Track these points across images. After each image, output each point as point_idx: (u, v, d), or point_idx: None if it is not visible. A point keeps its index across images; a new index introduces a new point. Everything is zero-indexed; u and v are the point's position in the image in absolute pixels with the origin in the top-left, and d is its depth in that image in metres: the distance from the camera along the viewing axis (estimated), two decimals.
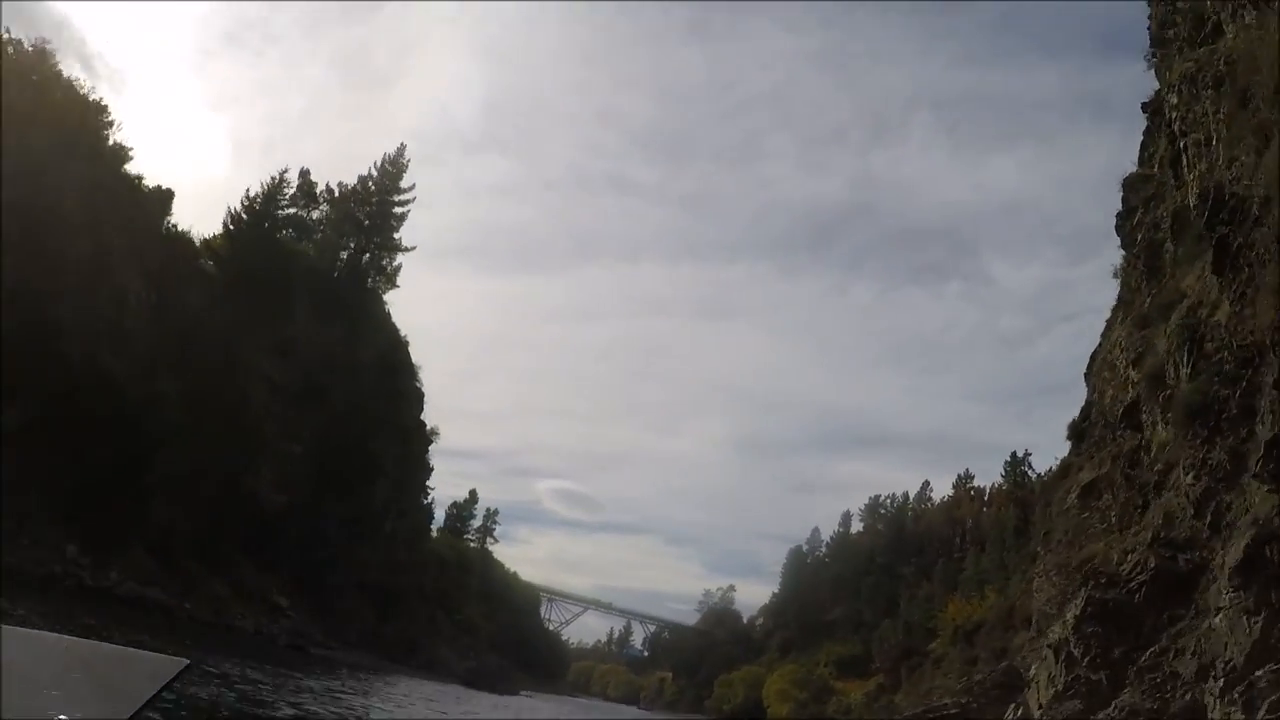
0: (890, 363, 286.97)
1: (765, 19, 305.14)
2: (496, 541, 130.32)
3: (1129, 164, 41.63)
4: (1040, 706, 22.23)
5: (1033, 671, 25.68)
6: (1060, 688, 20.65)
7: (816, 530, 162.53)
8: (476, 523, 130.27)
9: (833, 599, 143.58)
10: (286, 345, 48.28)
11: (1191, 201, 30.33)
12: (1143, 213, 39.11)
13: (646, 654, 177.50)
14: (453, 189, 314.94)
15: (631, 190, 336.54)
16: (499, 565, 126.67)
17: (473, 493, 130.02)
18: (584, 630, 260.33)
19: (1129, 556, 22.57)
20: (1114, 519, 36.50)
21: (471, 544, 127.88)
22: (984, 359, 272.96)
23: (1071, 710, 19.68)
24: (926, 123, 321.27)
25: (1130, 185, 40.92)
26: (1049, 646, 23.23)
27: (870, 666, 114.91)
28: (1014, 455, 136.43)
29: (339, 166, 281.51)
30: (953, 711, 35.26)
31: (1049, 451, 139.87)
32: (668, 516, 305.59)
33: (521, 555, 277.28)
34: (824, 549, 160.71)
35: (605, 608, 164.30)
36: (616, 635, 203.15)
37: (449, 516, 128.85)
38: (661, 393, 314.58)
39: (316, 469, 49.24)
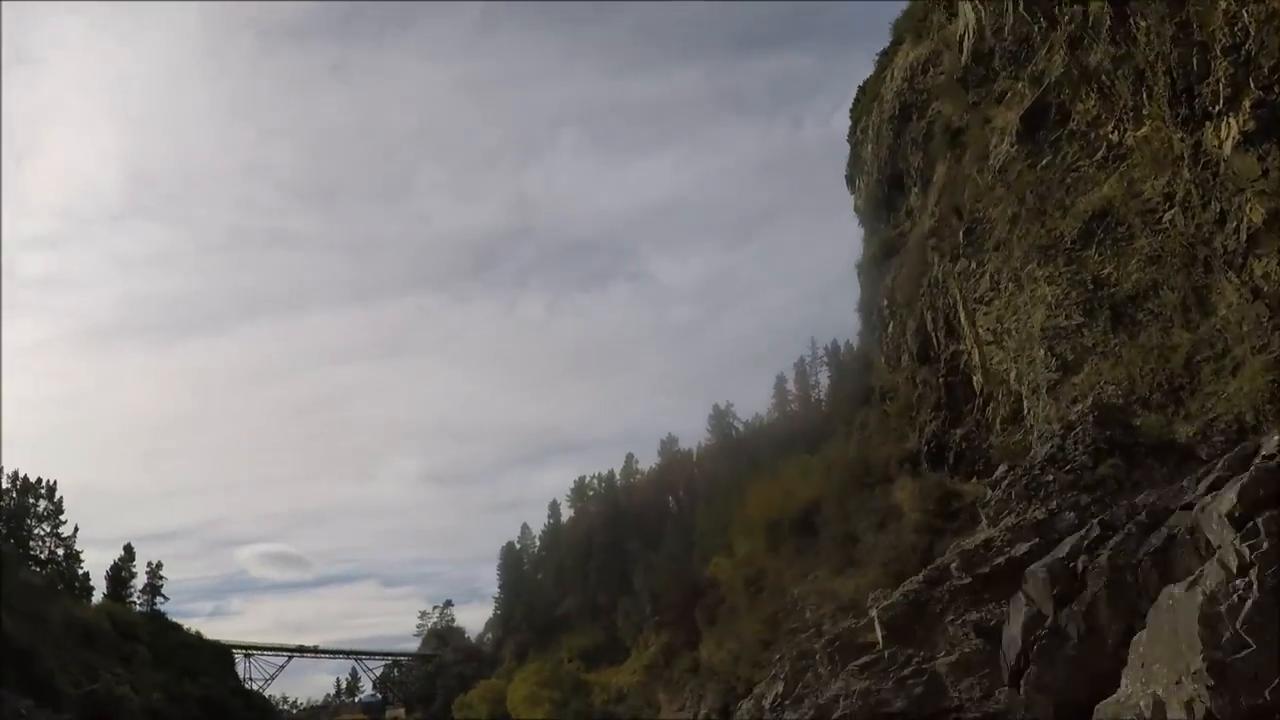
0: (572, 373, 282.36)
1: (405, 53, 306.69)
2: (167, 599, 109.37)
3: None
4: None
5: None
6: None
7: (526, 526, 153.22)
8: (139, 581, 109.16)
9: (559, 592, 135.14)
10: None
11: None
12: None
13: (379, 696, 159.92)
14: (105, 262, 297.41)
15: (290, 242, 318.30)
16: (175, 627, 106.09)
17: (128, 548, 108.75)
18: (310, 687, 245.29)
19: None
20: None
21: (138, 607, 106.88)
22: (662, 353, 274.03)
23: None
24: (575, 137, 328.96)
25: None
26: None
27: (619, 652, 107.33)
28: (717, 407, 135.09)
29: None
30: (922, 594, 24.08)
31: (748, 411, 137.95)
32: (381, 560, 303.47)
33: (242, 627, 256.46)
34: (537, 545, 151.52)
35: (311, 653, 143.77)
36: (345, 685, 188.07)
37: (109, 580, 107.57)
38: (353, 440, 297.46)
39: None
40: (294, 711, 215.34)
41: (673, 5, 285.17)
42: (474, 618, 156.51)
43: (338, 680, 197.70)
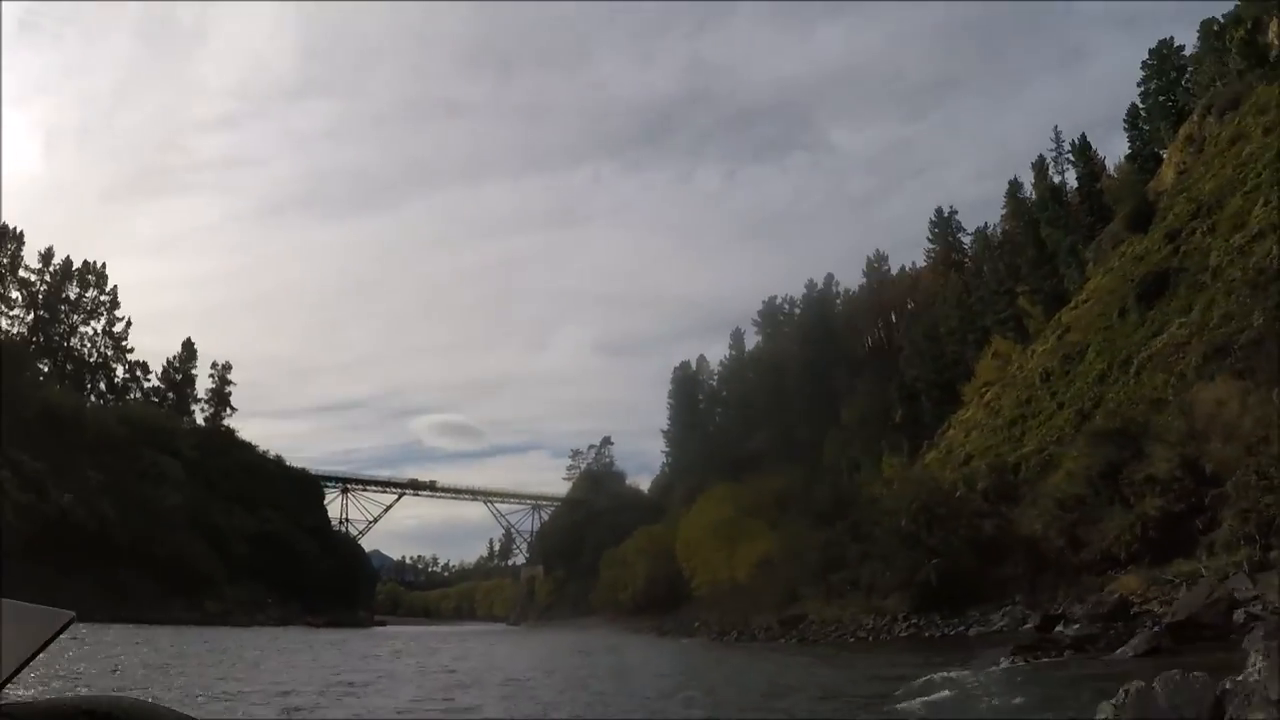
0: (746, 241, 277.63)
1: None
2: (234, 410, 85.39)
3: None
4: None
5: None
6: None
7: (703, 358, 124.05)
8: (204, 386, 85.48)
9: (744, 429, 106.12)
10: None
11: None
12: None
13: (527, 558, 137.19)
14: (282, 139, 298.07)
15: (463, 111, 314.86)
16: (243, 445, 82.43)
17: (187, 343, 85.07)
18: (465, 550, 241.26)
19: None
20: None
21: (201, 421, 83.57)
22: (838, 224, 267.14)
23: None
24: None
25: None
26: None
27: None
28: (939, 213, 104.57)
29: (159, 137, 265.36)
30: None
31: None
32: (552, 431, 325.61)
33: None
34: (715, 379, 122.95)
35: (427, 489, 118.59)
36: (498, 548, 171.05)
37: (164, 383, 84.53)
38: (526, 310, 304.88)
39: None
40: (445, 574, 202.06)
41: None
42: (643, 485, 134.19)
43: (490, 543, 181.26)
